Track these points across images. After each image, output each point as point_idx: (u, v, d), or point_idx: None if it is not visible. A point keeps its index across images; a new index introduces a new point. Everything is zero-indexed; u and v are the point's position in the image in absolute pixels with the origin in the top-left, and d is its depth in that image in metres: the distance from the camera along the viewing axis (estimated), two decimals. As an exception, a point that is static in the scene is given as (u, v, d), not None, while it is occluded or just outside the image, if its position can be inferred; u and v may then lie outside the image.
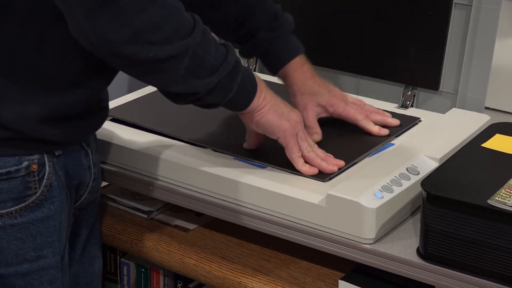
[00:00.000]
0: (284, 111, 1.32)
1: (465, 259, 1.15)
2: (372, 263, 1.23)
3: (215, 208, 1.36)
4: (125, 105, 1.62)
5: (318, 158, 1.34)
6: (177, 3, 1.19)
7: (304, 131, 1.35)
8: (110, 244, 1.55)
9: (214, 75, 1.22)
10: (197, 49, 1.20)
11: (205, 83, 1.22)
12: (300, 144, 1.33)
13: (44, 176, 1.27)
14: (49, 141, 1.26)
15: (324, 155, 1.36)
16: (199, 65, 1.21)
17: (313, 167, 1.33)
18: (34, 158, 1.25)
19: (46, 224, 1.28)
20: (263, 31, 1.47)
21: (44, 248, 1.29)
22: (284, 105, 1.33)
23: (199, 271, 1.42)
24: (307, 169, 1.33)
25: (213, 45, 1.23)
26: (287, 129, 1.32)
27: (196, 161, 1.38)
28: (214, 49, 1.23)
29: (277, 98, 1.32)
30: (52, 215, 1.28)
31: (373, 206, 1.22)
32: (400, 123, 1.50)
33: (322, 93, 1.47)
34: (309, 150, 1.34)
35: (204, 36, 1.21)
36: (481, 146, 1.31)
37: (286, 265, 1.40)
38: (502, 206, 1.12)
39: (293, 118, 1.32)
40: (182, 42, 1.18)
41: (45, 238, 1.28)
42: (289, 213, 1.29)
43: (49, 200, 1.28)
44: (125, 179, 1.47)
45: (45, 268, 1.29)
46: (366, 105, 1.51)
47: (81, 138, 1.34)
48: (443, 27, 1.56)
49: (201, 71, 1.21)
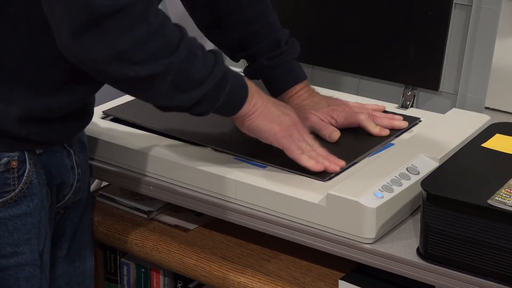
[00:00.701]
0: (275, 115, 1.32)
1: (465, 259, 1.15)
2: (372, 263, 1.23)
3: (215, 208, 1.36)
4: (125, 104, 1.62)
5: (320, 157, 1.34)
6: (163, 19, 1.19)
7: (300, 131, 1.35)
8: (110, 244, 1.55)
9: (200, 88, 1.23)
10: (182, 64, 1.20)
11: (190, 97, 1.23)
12: (298, 145, 1.33)
13: (24, 173, 1.27)
14: (29, 140, 1.27)
15: (326, 154, 1.35)
16: (183, 80, 1.22)
17: (319, 162, 1.33)
18: (14, 155, 1.26)
19: (24, 221, 1.28)
20: (264, 58, 1.48)
21: (21, 244, 1.29)
22: (276, 109, 1.33)
23: (199, 271, 1.42)
24: (313, 165, 1.32)
25: (200, 59, 1.23)
26: (277, 132, 1.32)
27: (196, 161, 1.38)
28: (200, 63, 1.23)
29: (268, 102, 1.33)
30: (30, 212, 1.29)
31: (373, 205, 1.22)
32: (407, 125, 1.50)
33: (320, 107, 1.48)
34: (308, 149, 1.34)
35: (190, 51, 1.22)
36: (481, 146, 1.31)
37: (286, 265, 1.39)
38: (502, 206, 1.12)
39: (284, 121, 1.33)
40: (165, 60, 1.18)
41: (22, 235, 1.29)
42: (289, 213, 1.29)
43: (28, 198, 1.28)
44: (125, 179, 1.47)
45: (21, 265, 1.30)
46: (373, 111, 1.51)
47: (62, 140, 1.34)
48: (443, 27, 1.56)
49: (186, 85, 1.22)
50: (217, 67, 1.25)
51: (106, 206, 1.59)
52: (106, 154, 1.48)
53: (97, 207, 1.59)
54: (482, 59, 1.54)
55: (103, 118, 1.56)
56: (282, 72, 1.49)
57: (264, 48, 1.48)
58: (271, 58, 1.48)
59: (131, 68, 1.16)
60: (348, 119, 1.46)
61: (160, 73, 1.18)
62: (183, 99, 1.23)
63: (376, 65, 1.65)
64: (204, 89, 1.23)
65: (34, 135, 1.27)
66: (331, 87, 1.67)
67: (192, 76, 1.22)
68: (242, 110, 1.30)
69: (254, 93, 1.31)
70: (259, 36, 1.48)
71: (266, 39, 1.48)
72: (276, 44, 1.48)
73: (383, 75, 1.65)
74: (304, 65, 1.59)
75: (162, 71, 1.18)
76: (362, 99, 1.60)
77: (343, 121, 1.47)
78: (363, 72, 1.67)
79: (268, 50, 1.48)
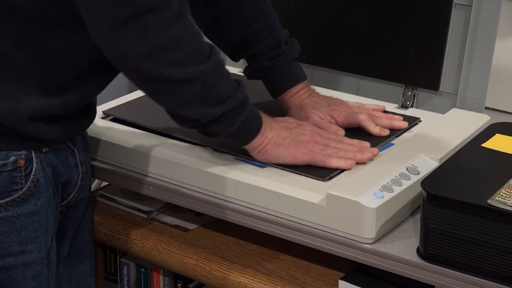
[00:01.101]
0: (289, 140, 1.34)
1: (465, 259, 1.15)
2: (372, 263, 1.23)
3: (215, 208, 1.36)
4: (125, 105, 1.62)
5: (350, 152, 1.35)
6: (197, 29, 1.23)
7: (322, 141, 1.36)
8: (110, 244, 1.56)
9: (221, 106, 1.25)
10: (209, 78, 1.23)
11: (210, 112, 1.25)
12: (323, 154, 1.34)
13: (31, 171, 1.28)
14: (36, 138, 1.27)
15: (357, 147, 1.37)
16: (208, 93, 1.24)
17: (349, 160, 1.34)
18: (21, 154, 1.27)
19: (32, 220, 1.29)
20: (264, 58, 1.49)
21: (28, 243, 1.29)
22: (289, 134, 1.35)
23: (199, 271, 1.42)
24: (343, 164, 1.33)
25: (225, 78, 1.26)
26: (296, 155, 1.34)
27: (196, 161, 1.38)
28: (225, 82, 1.26)
29: (280, 131, 1.35)
30: (38, 210, 1.29)
31: (373, 205, 1.22)
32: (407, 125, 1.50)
33: (320, 107, 1.48)
34: (335, 151, 1.35)
35: (218, 67, 1.25)
36: (481, 146, 1.31)
37: (286, 265, 1.39)
38: (502, 206, 1.12)
39: (301, 141, 1.35)
40: (196, 67, 1.21)
41: (30, 233, 1.29)
42: (289, 213, 1.29)
43: (36, 196, 1.29)
44: (125, 179, 1.47)
45: (29, 263, 1.30)
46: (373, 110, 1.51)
47: (67, 138, 1.35)
48: (443, 27, 1.56)
49: (209, 100, 1.25)
50: (239, 91, 1.28)
51: (106, 206, 1.59)
52: (106, 154, 1.49)
53: (97, 207, 1.59)
54: (482, 59, 1.54)
55: (103, 118, 1.56)
56: (282, 72, 1.49)
57: (264, 48, 1.48)
58: (271, 58, 1.48)
59: (165, 68, 1.19)
60: (348, 119, 1.47)
61: (190, 79, 1.21)
62: (203, 112, 1.25)
63: (376, 65, 1.65)
64: (224, 108, 1.26)
65: (41, 133, 1.27)
66: (331, 87, 1.68)
67: (216, 91, 1.25)
68: (254, 141, 1.33)
69: (267, 125, 1.34)
70: (259, 36, 1.48)
71: (266, 39, 1.48)
72: (276, 44, 1.48)
73: (383, 75, 1.65)
74: (304, 65, 1.59)
75: (192, 77, 1.21)
76: (362, 99, 1.60)
77: (343, 121, 1.47)
78: (363, 72, 1.67)
79: (268, 50, 1.48)
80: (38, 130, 1.27)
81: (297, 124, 1.39)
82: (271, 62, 1.48)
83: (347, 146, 1.37)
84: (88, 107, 1.36)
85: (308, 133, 1.37)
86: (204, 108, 1.25)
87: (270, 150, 1.34)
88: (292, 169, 1.34)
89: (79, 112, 1.33)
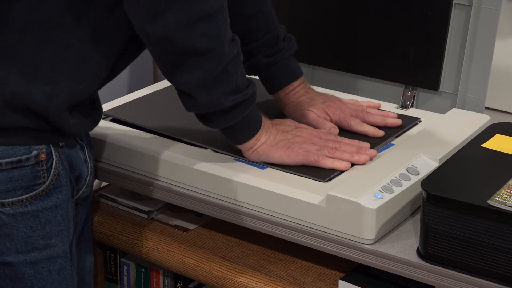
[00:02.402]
0: (283, 142, 1.35)
1: (465, 259, 1.15)
2: (372, 263, 1.23)
3: (215, 208, 1.36)
4: (125, 105, 1.62)
5: (346, 153, 1.35)
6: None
7: (319, 142, 1.37)
8: (110, 244, 1.56)
9: (234, 96, 1.27)
10: (229, 64, 1.25)
11: (225, 99, 1.26)
12: (318, 154, 1.34)
13: (52, 165, 1.29)
14: (53, 132, 1.28)
15: (356, 147, 1.37)
16: (226, 79, 1.25)
17: (344, 161, 1.34)
18: (42, 148, 1.27)
19: (55, 213, 1.30)
20: (261, 56, 1.49)
21: (52, 236, 1.30)
22: (284, 136, 1.36)
23: (199, 271, 1.42)
24: (338, 165, 1.34)
25: (242, 69, 1.28)
26: (291, 156, 1.35)
27: (196, 161, 1.39)
28: (241, 73, 1.28)
29: (276, 134, 1.36)
30: (60, 204, 1.30)
31: (373, 206, 1.22)
32: (401, 123, 1.50)
33: (315, 103, 1.48)
34: (332, 151, 1.35)
35: (238, 55, 1.27)
36: (481, 146, 1.31)
37: (286, 265, 1.40)
38: (502, 206, 1.12)
39: (296, 143, 1.35)
40: (224, 47, 1.23)
41: (54, 227, 1.30)
42: (289, 214, 1.29)
43: (57, 189, 1.30)
44: (125, 179, 1.47)
45: (53, 257, 1.31)
46: (368, 107, 1.52)
47: (80, 132, 1.36)
48: (443, 27, 1.56)
49: (226, 86, 1.26)
50: (250, 86, 1.29)
51: (106, 206, 1.60)
52: (106, 154, 1.49)
53: (97, 207, 1.59)
54: (482, 59, 1.54)
55: (103, 119, 1.56)
56: (278, 70, 1.49)
57: (261, 46, 1.48)
58: (268, 55, 1.48)
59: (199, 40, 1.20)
60: (340, 123, 1.47)
61: (218, 57, 1.23)
62: (218, 99, 1.26)
63: (376, 65, 1.65)
64: (235, 100, 1.27)
65: (67, 126, 1.28)
66: (331, 87, 1.67)
67: (233, 80, 1.26)
68: (248, 142, 1.34)
69: (264, 129, 1.34)
70: (257, 33, 1.48)
71: (264, 36, 1.48)
72: (273, 42, 1.48)
73: (383, 75, 1.65)
74: (304, 65, 1.59)
75: (220, 56, 1.23)
76: (362, 99, 1.60)
77: (336, 121, 1.47)
78: (363, 72, 1.67)
79: (266, 48, 1.48)
80: (66, 121, 1.27)
81: (295, 126, 1.40)
82: (269, 60, 1.48)
83: (344, 146, 1.37)
84: (96, 102, 1.37)
85: (305, 135, 1.38)
86: (220, 94, 1.25)
87: (262, 151, 1.35)
88: (292, 170, 1.34)
89: (91, 106, 1.34)
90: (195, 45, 1.21)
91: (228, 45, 1.24)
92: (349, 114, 1.48)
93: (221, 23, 1.22)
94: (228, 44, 1.24)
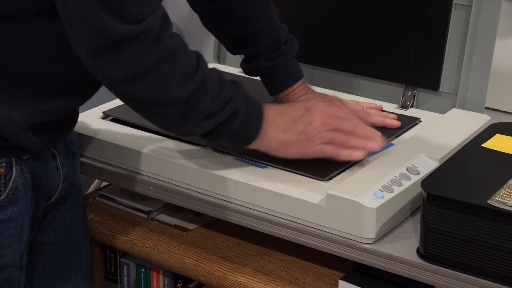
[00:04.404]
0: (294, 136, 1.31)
1: (465, 259, 1.15)
2: (372, 263, 1.23)
3: (215, 208, 1.36)
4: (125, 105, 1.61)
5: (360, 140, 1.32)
6: (180, 46, 1.21)
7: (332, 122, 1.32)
8: (110, 244, 1.56)
9: (207, 122, 1.25)
10: (192, 97, 1.22)
11: (193, 130, 1.26)
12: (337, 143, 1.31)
13: (11, 179, 1.28)
14: (18, 146, 1.27)
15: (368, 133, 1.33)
16: (192, 112, 1.24)
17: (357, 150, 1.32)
18: (1, 162, 1.26)
19: (8, 225, 1.29)
20: (262, 59, 1.48)
21: (3, 247, 1.30)
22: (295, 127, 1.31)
23: (199, 271, 1.42)
24: (355, 155, 1.32)
25: (211, 94, 1.24)
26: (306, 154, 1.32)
27: (196, 161, 1.38)
28: (211, 98, 1.24)
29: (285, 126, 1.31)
30: (15, 217, 1.29)
31: (373, 206, 1.22)
32: (400, 124, 1.50)
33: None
34: (346, 140, 1.31)
35: (202, 85, 1.23)
36: (481, 146, 1.31)
37: (286, 265, 1.40)
38: (502, 206, 1.12)
39: (308, 136, 1.31)
40: (177, 89, 1.21)
41: (5, 238, 1.29)
42: (289, 213, 1.29)
43: (13, 203, 1.29)
44: (125, 179, 1.47)
45: (2, 267, 1.30)
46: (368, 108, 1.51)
47: (50, 144, 1.35)
48: (443, 27, 1.56)
49: (194, 118, 1.24)
50: (230, 105, 1.25)
51: (106, 206, 1.60)
52: (106, 154, 1.48)
53: (97, 207, 1.59)
54: (482, 59, 1.54)
55: (103, 119, 1.56)
56: (279, 73, 1.49)
57: (263, 49, 1.48)
58: (269, 59, 1.48)
59: (144, 91, 1.19)
60: None
61: (170, 101, 1.21)
62: (188, 130, 1.27)
63: (376, 65, 1.65)
64: (210, 126, 1.25)
65: (29, 143, 1.27)
66: (331, 87, 1.67)
67: (201, 109, 1.23)
68: (255, 142, 1.31)
69: (268, 124, 1.30)
70: (259, 36, 1.48)
71: (266, 39, 1.48)
72: (275, 45, 1.48)
73: (383, 75, 1.65)
74: (304, 65, 1.59)
75: (172, 100, 1.21)
76: (362, 99, 1.60)
77: None
78: (363, 72, 1.67)
79: (267, 51, 1.48)
80: (27, 140, 1.26)
81: (305, 109, 1.33)
82: (270, 63, 1.48)
83: (358, 129, 1.33)
84: (73, 115, 1.36)
85: (317, 119, 1.32)
86: (191, 126, 1.25)
87: (276, 149, 1.32)
88: (292, 169, 1.34)
89: (65, 120, 1.33)
90: (142, 96, 1.20)
91: (183, 83, 1.21)
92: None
93: (167, 70, 1.19)
94: (183, 83, 1.21)
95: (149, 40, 1.16)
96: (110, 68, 1.17)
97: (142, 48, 1.16)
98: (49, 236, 1.45)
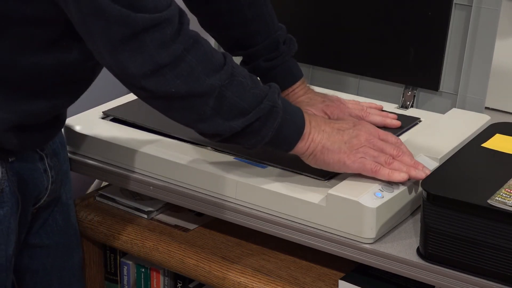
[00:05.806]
0: (340, 144, 1.26)
1: (465, 259, 1.15)
2: (372, 263, 1.23)
3: (215, 208, 1.36)
4: (125, 105, 1.62)
5: (404, 166, 1.26)
6: (204, 40, 1.18)
7: (377, 146, 1.27)
8: (110, 244, 1.56)
9: (243, 119, 1.20)
10: (224, 90, 1.18)
11: (231, 126, 1.20)
12: (375, 163, 1.26)
13: None
14: (3, 149, 1.26)
15: (412, 161, 1.28)
16: (226, 106, 1.19)
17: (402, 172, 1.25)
18: None
19: None
20: (261, 60, 1.47)
21: None
22: (342, 136, 1.26)
23: (199, 271, 1.42)
24: (395, 176, 1.25)
25: (246, 88, 1.20)
26: (346, 161, 1.26)
27: (196, 161, 1.39)
28: (246, 92, 1.20)
29: (332, 133, 1.26)
30: (1, 219, 1.28)
31: (373, 205, 1.22)
32: (400, 124, 1.50)
33: (314, 103, 1.48)
34: (389, 161, 1.26)
35: (233, 78, 1.19)
36: (481, 146, 1.31)
37: (286, 265, 1.40)
38: (502, 206, 1.12)
39: (354, 145, 1.26)
40: (206, 80, 1.16)
41: None
42: (289, 213, 1.29)
43: None
44: (125, 179, 1.47)
45: None
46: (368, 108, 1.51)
47: (36, 146, 1.34)
48: (443, 27, 1.56)
49: (228, 113, 1.19)
50: (266, 100, 1.21)
51: (106, 206, 1.60)
52: (106, 154, 1.49)
53: (97, 207, 1.59)
54: (482, 59, 1.54)
55: (103, 118, 1.57)
56: (279, 73, 1.49)
57: (262, 50, 1.47)
58: (268, 60, 1.47)
59: (171, 85, 1.15)
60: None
61: (200, 93, 1.16)
62: (224, 126, 1.20)
63: (376, 65, 1.65)
64: (247, 121, 1.20)
65: (11, 145, 1.26)
66: (331, 87, 1.68)
67: (235, 105, 1.19)
68: (298, 146, 1.25)
69: (314, 128, 1.26)
70: (257, 38, 1.47)
71: (264, 41, 1.47)
72: (274, 46, 1.48)
73: (383, 75, 1.65)
74: (304, 65, 1.59)
75: (202, 91, 1.16)
76: (362, 99, 1.60)
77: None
78: (363, 72, 1.67)
79: (266, 52, 1.47)
80: (8, 142, 1.25)
81: (352, 124, 1.30)
82: (269, 64, 1.47)
83: (402, 156, 1.28)
84: (58, 117, 1.34)
85: (363, 134, 1.27)
86: (224, 121, 1.19)
87: (319, 155, 1.26)
88: (292, 169, 1.34)
89: (49, 122, 1.32)
90: (170, 89, 1.15)
91: (212, 73, 1.17)
92: (348, 114, 1.48)
93: (193, 60, 1.15)
94: (214, 74, 1.17)
95: (171, 28, 1.13)
96: (133, 62, 1.12)
97: (165, 37, 1.12)
98: (42, 239, 1.45)
